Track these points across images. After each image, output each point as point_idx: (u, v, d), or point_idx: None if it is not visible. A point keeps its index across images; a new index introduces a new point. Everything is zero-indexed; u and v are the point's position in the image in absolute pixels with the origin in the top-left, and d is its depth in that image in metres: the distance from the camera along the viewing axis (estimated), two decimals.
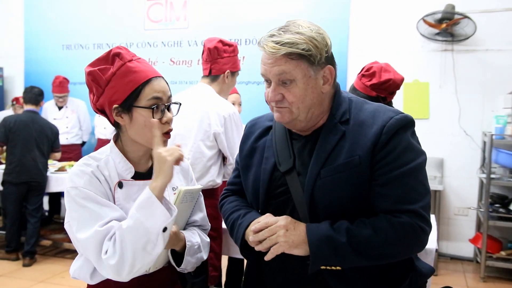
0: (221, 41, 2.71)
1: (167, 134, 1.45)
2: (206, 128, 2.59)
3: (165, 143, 1.44)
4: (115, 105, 1.42)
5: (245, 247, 1.46)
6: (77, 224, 1.35)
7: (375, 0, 5.16)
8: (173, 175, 1.43)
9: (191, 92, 2.70)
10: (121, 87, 1.40)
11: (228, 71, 2.71)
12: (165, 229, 1.31)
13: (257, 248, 1.36)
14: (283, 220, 1.33)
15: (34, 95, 4.66)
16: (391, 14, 5.10)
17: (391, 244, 1.28)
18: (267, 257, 1.33)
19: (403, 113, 1.37)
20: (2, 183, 4.60)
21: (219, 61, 2.69)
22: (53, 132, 4.72)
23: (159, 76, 1.46)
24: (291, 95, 1.33)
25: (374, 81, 2.32)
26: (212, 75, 2.70)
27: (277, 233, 1.31)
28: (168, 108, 1.46)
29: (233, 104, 3.76)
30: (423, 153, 1.37)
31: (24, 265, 4.50)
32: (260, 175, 1.47)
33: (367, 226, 1.29)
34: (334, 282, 1.35)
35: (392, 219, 1.28)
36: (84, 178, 1.39)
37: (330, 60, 1.37)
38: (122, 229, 1.30)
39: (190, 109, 2.56)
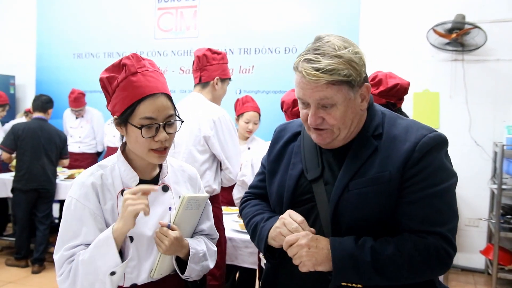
0: (209, 50, 2.79)
1: (161, 152, 1.45)
2: (196, 133, 2.62)
3: (159, 158, 1.46)
4: (115, 116, 1.45)
5: (268, 250, 1.44)
6: (59, 234, 1.44)
7: (384, 10, 5.17)
8: (181, 185, 1.45)
9: (183, 102, 2.74)
10: (120, 100, 1.42)
11: (217, 77, 2.76)
12: (113, 273, 1.34)
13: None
14: (304, 238, 1.30)
15: (41, 103, 4.69)
16: (401, 24, 5.09)
17: (415, 265, 1.26)
18: (302, 270, 1.31)
19: (436, 131, 1.36)
20: (12, 190, 4.62)
21: (208, 68, 2.76)
22: (61, 139, 4.74)
23: (160, 93, 1.43)
24: (332, 119, 1.31)
25: (382, 88, 2.32)
26: (202, 82, 2.76)
27: (299, 253, 1.29)
28: (166, 126, 1.44)
29: (248, 122, 3.77)
30: (454, 175, 1.34)
31: (33, 272, 4.51)
32: (285, 180, 1.46)
33: (391, 245, 1.27)
34: None
35: (417, 240, 1.26)
36: (81, 190, 1.43)
37: (366, 77, 1.35)
38: (78, 259, 1.36)
39: (183, 118, 2.58)
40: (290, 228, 1.33)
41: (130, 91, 1.40)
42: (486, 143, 4.85)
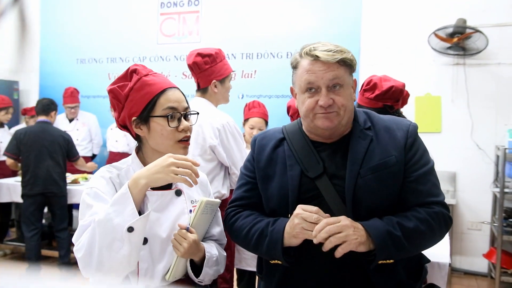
0: (199, 54, 2.70)
1: (185, 141, 1.50)
2: (201, 142, 2.61)
3: (184, 149, 1.50)
4: (134, 118, 1.47)
5: (285, 251, 1.46)
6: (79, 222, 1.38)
7: (385, 15, 5.19)
8: (192, 190, 1.49)
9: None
10: (138, 100, 1.46)
11: (214, 81, 2.70)
12: (130, 229, 1.26)
13: (324, 246, 1.37)
14: (346, 219, 1.39)
15: (43, 106, 4.61)
16: (402, 29, 5.11)
17: (432, 232, 1.44)
18: (337, 255, 1.37)
19: (411, 121, 1.59)
20: (22, 197, 4.53)
21: (203, 74, 2.71)
22: (65, 139, 4.60)
23: (174, 87, 1.51)
24: (341, 98, 1.47)
25: (377, 92, 2.34)
26: (201, 88, 2.74)
27: (346, 232, 1.36)
28: (186, 117, 1.50)
29: (253, 128, 3.72)
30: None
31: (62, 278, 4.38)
32: (286, 181, 1.52)
33: (411, 218, 1.43)
34: (377, 278, 1.44)
35: (428, 210, 1.45)
36: (100, 182, 1.44)
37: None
38: (94, 221, 1.28)
39: None
40: (312, 220, 1.40)
41: (147, 88, 1.46)
42: (488, 146, 4.85)
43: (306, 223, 1.40)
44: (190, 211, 1.55)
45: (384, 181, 1.45)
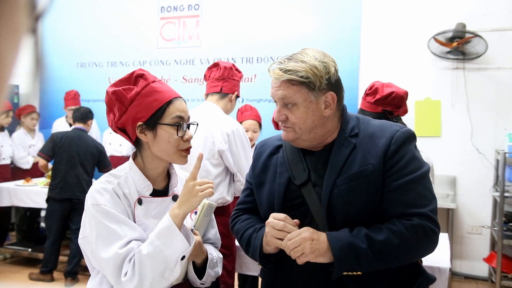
0: (233, 65, 2.89)
1: (187, 151, 1.52)
2: (210, 146, 2.63)
3: (185, 158, 1.52)
4: (139, 123, 1.47)
5: (263, 257, 1.54)
6: (96, 242, 1.39)
7: (385, 19, 5.21)
8: None
9: (198, 111, 2.74)
10: (146, 105, 1.47)
11: (236, 92, 2.84)
12: (183, 258, 1.37)
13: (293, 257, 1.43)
14: (306, 232, 1.41)
15: (81, 114, 4.63)
16: (402, 33, 5.13)
17: (407, 245, 1.38)
18: (299, 262, 1.42)
19: (406, 127, 1.52)
20: (47, 200, 4.52)
21: (230, 82, 2.81)
22: (99, 150, 4.63)
23: (180, 97, 1.54)
24: (293, 116, 1.46)
25: (378, 96, 2.38)
26: (222, 92, 2.77)
27: (303, 245, 1.39)
28: (188, 127, 1.53)
29: (247, 131, 3.78)
30: (426, 163, 1.49)
31: (66, 286, 4.36)
32: (274, 188, 1.56)
33: (383, 230, 1.38)
34: (353, 286, 1.42)
35: (405, 222, 1.39)
36: (105, 196, 1.43)
37: (333, 86, 1.48)
38: (141, 254, 1.34)
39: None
40: (278, 227, 1.45)
41: (156, 95, 1.48)
42: (488, 151, 4.86)
43: (274, 230, 1.45)
44: (195, 212, 1.59)
45: (359, 190, 1.42)
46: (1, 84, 0.34)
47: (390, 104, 2.36)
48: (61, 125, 5.83)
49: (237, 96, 2.88)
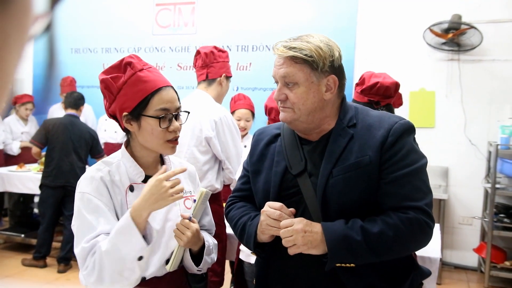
0: (215, 47, 2.82)
1: (175, 141, 1.50)
2: (197, 133, 2.63)
3: (173, 149, 1.51)
4: (124, 113, 1.46)
5: (257, 245, 1.54)
6: (76, 233, 1.42)
7: (381, 9, 5.20)
8: (182, 181, 1.48)
9: (188, 100, 2.73)
10: (131, 96, 1.45)
11: (224, 74, 2.79)
12: (140, 258, 1.35)
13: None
14: (299, 223, 1.40)
15: (74, 100, 4.58)
16: (398, 24, 5.12)
17: (402, 239, 1.37)
18: (290, 253, 1.42)
19: (405, 119, 1.49)
20: (40, 187, 4.50)
21: (215, 65, 2.77)
22: (91, 136, 4.60)
23: (168, 86, 1.50)
24: (293, 96, 1.44)
25: (364, 86, 2.37)
26: (209, 79, 2.76)
27: (295, 236, 1.38)
28: (176, 117, 1.50)
29: (239, 120, 3.78)
30: (424, 156, 1.48)
31: (59, 271, 4.38)
32: (271, 177, 1.55)
33: (378, 223, 1.38)
34: (346, 278, 1.42)
35: (400, 215, 1.38)
36: (92, 184, 1.44)
37: (336, 70, 1.47)
38: (101, 250, 1.34)
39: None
40: (274, 217, 1.44)
41: (141, 85, 1.45)
42: (481, 142, 4.89)
43: (270, 219, 1.44)
44: (194, 200, 1.60)
45: (355, 181, 1.41)
46: (3, 87, 0.35)
47: (376, 94, 2.35)
48: (57, 111, 5.79)
49: (228, 76, 2.83)
